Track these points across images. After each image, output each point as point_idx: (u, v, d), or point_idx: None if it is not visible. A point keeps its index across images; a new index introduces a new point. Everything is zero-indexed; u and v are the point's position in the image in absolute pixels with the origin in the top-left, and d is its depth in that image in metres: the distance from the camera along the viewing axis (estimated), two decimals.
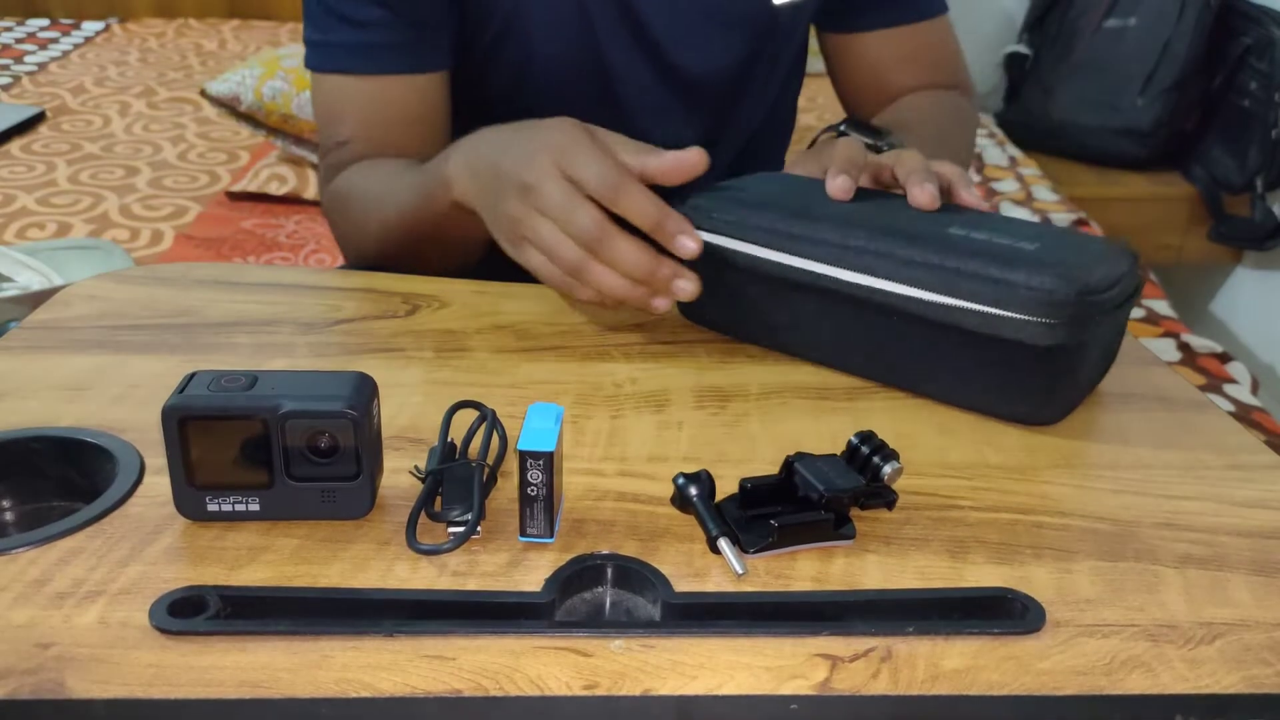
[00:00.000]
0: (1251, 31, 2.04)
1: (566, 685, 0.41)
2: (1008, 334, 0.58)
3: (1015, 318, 0.58)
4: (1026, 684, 0.42)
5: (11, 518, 0.55)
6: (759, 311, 0.69)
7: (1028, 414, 0.62)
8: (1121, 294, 0.60)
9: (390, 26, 0.82)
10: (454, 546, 0.49)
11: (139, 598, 0.45)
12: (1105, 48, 2.19)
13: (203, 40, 2.57)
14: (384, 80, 0.84)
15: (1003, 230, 0.63)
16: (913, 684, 0.42)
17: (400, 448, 0.57)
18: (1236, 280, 2.24)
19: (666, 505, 0.53)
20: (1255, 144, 2.03)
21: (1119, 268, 0.60)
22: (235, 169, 1.83)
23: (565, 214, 0.62)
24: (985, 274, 0.59)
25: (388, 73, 0.84)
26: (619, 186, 0.61)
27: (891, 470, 0.52)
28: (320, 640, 0.43)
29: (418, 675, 0.42)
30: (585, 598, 0.48)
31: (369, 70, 0.84)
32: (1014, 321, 0.58)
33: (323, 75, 0.86)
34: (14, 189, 1.71)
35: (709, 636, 0.44)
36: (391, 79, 0.84)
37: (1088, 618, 0.46)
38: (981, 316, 0.58)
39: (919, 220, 0.64)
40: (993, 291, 0.58)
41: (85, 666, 0.41)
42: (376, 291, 0.76)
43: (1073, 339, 0.58)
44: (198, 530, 0.50)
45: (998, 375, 0.61)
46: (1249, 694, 0.42)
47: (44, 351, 0.66)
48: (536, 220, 0.63)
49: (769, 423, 0.61)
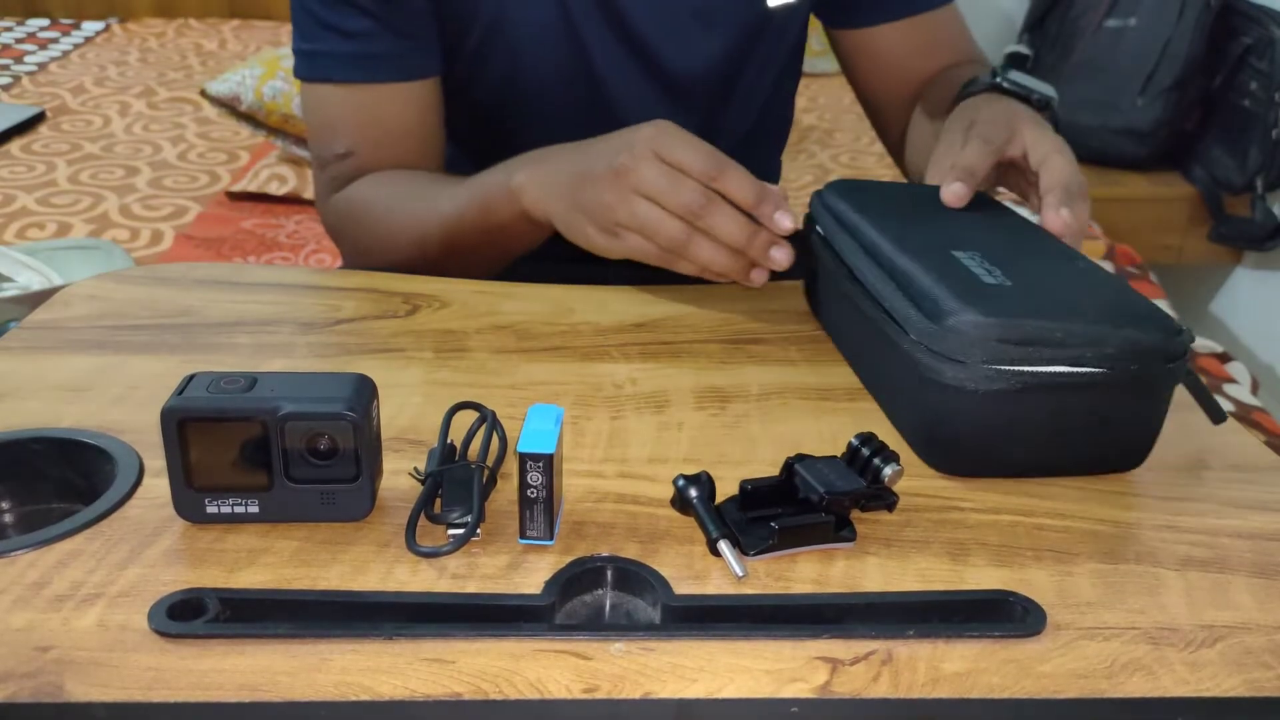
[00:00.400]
0: (1251, 31, 2.04)
1: (566, 688, 0.41)
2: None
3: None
4: (1027, 687, 0.42)
5: (10, 519, 0.55)
6: (838, 326, 0.70)
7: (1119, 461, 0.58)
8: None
9: (379, 36, 0.82)
10: (453, 549, 0.49)
11: (138, 600, 0.45)
12: (1105, 48, 2.19)
13: (203, 40, 2.56)
14: (378, 89, 0.84)
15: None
16: (913, 687, 0.42)
17: (400, 449, 0.57)
18: (1236, 280, 2.24)
19: (666, 507, 0.53)
20: (1255, 144, 2.02)
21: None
22: (235, 169, 1.83)
23: (668, 189, 0.66)
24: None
25: (380, 81, 0.83)
26: (722, 165, 0.66)
27: (892, 472, 0.52)
28: (319, 643, 0.43)
29: (417, 678, 0.41)
30: (585, 600, 0.48)
31: (362, 79, 0.84)
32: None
33: (314, 85, 0.86)
34: (14, 189, 1.71)
35: (709, 639, 0.44)
36: (385, 87, 0.84)
37: (1088, 620, 0.46)
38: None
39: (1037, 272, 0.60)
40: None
41: (84, 670, 0.41)
42: (377, 291, 0.76)
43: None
44: (197, 533, 0.50)
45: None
46: (1250, 697, 0.42)
47: (44, 351, 0.66)
48: (634, 202, 0.67)
49: (769, 424, 0.61)
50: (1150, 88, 2.11)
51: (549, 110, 0.89)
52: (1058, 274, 0.61)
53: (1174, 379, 0.56)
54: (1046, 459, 0.56)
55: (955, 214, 0.69)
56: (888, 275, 0.61)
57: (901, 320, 0.58)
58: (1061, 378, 0.53)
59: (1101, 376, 0.53)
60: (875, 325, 0.61)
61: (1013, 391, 0.53)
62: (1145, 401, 0.56)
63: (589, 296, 0.76)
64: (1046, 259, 0.63)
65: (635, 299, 0.76)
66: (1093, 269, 0.62)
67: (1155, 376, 0.54)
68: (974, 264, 0.60)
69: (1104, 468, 0.57)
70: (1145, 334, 0.54)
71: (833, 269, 0.68)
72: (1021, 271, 0.59)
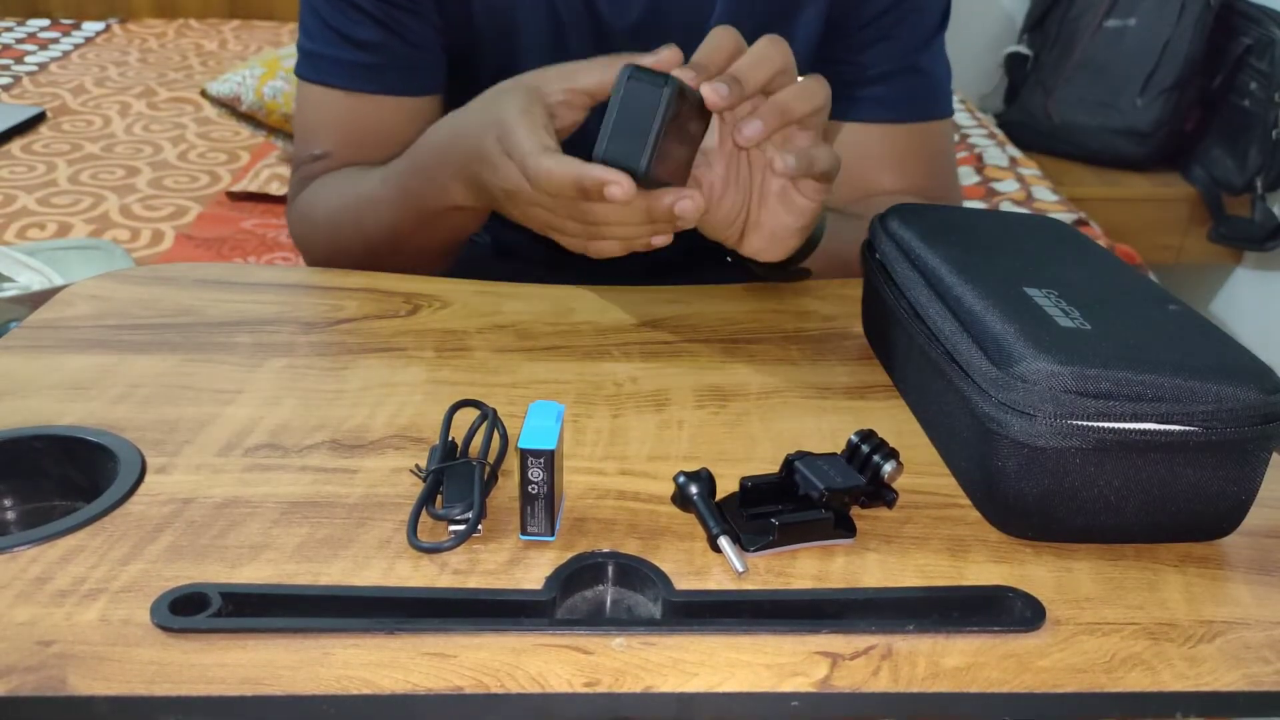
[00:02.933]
0: (1251, 31, 2.04)
1: (567, 682, 0.41)
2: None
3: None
4: (1026, 682, 0.42)
5: (13, 516, 0.55)
6: (893, 359, 0.66)
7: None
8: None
9: (388, 48, 0.82)
10: (455, 545, 0.49)
11: (140, 595, 0.45)
12: (1105, 48, 2.19)
13: (203, 40, 2.56)
14: (376, 99, 0.83)
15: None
16: (913, 681, 0.42)
17: (401, 447, 0.57)
18: (1236, 280, 2.24)
19: (667, 504, 0.53)
20: (1255, 144, 2.03)
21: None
22: (236, 169, 1.83)
23: (550, 208, 0.64)
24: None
25: (381, 93, 0.83)
26: (535, 181, 0.63)
27: (892, 469, 0.52)
28: (321, 638, 0.43)
29: (419, 672, 0.42)
30: (586, 596, 0.48)
31: (362, 88, 0.83)
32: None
33: (311, 85, 0.85)
34: (14, 189, 1.71)
35: (710, 634, 0.44)
36: (383, 99, 0.83)
37: (1088, 616, 0.46)
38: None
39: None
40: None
41: (87, 664, 0.41)
42: (377, 291, 0.76)
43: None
44: (199, 528, 0.50)
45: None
46: (1249, 691, 0.42)
47: (44, 351, 0.66)
48: (533, 216, 0.67)
49: (769, 422, 0.61)
50: (1150, 88, 2.11)
51: None
52: (1144, 318, 0.54)
53: (1271, 442, 0.48)
54: (1121, 526, 0.50)
55: (1030, 246, 0.63)
56: (951, 312, 0.55)
57: (965, 364, 0.52)
58: (1143, 436, 0.47)
59: (1189, 436, 0.47)
60: (935, 366, 0.56)
61: (1087, 450, 0.47)
62: (1237, 467, 0.48)
63: (589, 296, 0.76)
64: (1132, 301, 0.56)
65: (636, 299, 0.76)
66: (1185, 313, 0.55)
67: (1248, 439, 0.48)
68: (1049, 304, 0.54)
69: (1186, 538, 0.51)
70: (1241, 390, 0.47)
71: (890, 300, 0.63)
72: (1103, 314, 0.53)
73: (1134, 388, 0.47)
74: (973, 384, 0.51)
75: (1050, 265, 0.60)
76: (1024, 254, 0.62)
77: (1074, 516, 0.49)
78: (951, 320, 0.55)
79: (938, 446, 0.58)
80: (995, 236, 0.64)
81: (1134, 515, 0.49)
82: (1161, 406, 0.47)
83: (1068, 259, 0.62)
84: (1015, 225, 0.67)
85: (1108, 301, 0.55)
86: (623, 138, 0.58)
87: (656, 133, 0.58)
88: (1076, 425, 0.47)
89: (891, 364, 0.66)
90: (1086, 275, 0.59)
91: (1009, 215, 0.68)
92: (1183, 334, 0.52)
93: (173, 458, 0.55)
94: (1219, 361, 0.49)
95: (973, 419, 0.51)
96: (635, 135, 0.58)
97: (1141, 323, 0.53)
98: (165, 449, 0.56)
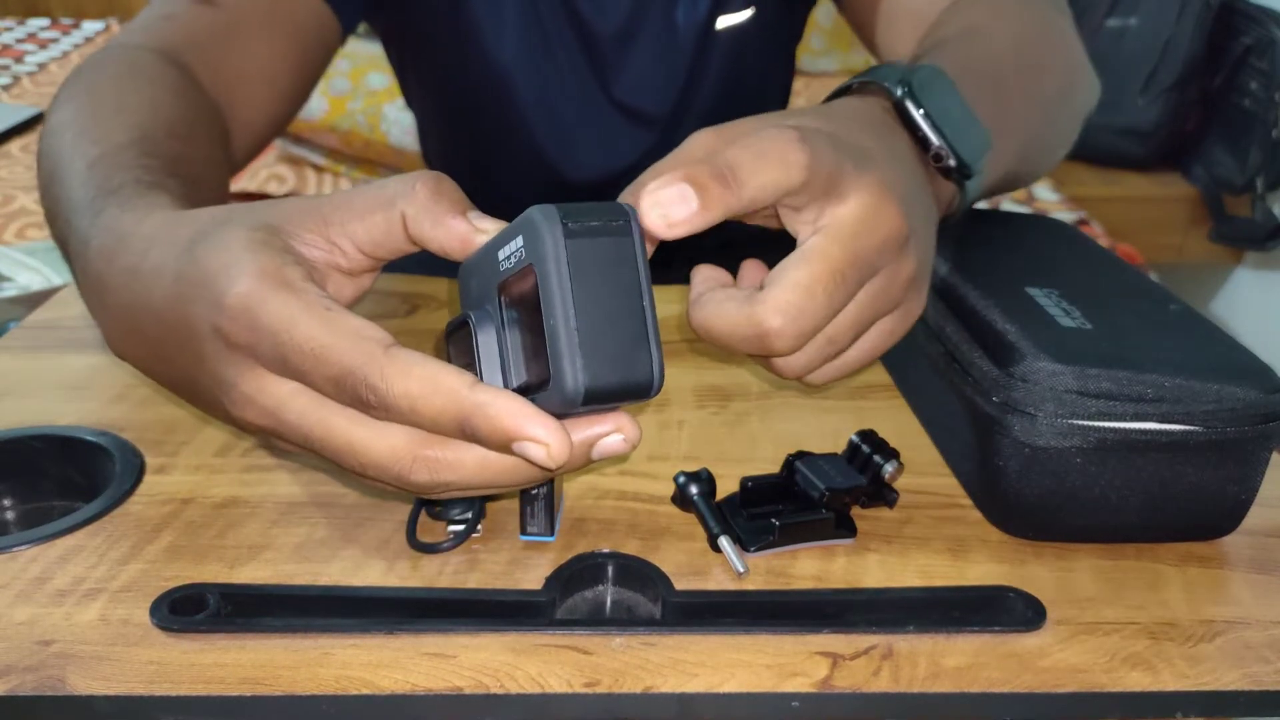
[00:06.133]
0: (1252, 31, 2.04)
1: (567, 683, 0.41)
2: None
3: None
4: (1027, 681, 0.42)
5: (12, 516, 0.55)
6: (892, 358, 0.65)
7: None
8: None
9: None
10: (454, 545, 0.49)
11: (140, 595, 0.45)
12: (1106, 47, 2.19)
13: None
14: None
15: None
16: (914, 681, 0.42)
17: None
18: (1236, 280, 2.24)
19: (667, 504, 0.53)
20: (1256, 144, 2.03)
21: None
22: None
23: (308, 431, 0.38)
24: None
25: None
26: (373, 385, 0.35)
27: (892, 469, 0.52)
28: (321, 638, 0.43)
29: (418, 673, 0.42)
30: (586, 596, 0.48)
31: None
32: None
33: None
34: (14, 189, 1.71)
35: (710, 634, 0.44)
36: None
37: (1088, 616, 0.46)
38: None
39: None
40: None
41: (86, 663, 0.41)
42: (376, 291, 0.76)
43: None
44: (198, 528, 0.50)
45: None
46: (1249, 690, 0.42)
47: (44, 351, 0.66)
48: (260, 423, 0.40)
49: (770, 422, 0.61)
50: (1151, 87, 2.11)
51: (505, 120, 0.88)
52: (1145, 318, 0.54)
53: (1271, 441, 0.48)
54: (1122, 525, 0.50)
55: (1031, 246, 0.62)
56: (950, 310, 0.55)
57: (964, 363, 0.52)
58: (1144, 435, 0.47)
59: (1190, 435, 0.47)
60: (934, 365, 0.56)
61: (1088, 450, 0.47)
62: (1237, 466, 0.48)
63: None
64: (1133, 300, 0.56)
65: None
66: (1187, 313, 0.55)
67: (1249, 438, 0.47)
68: (1050, 303, 0.53)
69: (1186, 537, 0.51)
70: (1243, 389, 0.47)
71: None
72: (1104, 314, 0.53)
73: (1135, 387, 0.47)
74: (974, 383, 0.51)
75: (1051, 265, 0.60)
76: (1025, 253, 0.62)
77: (1075, 516, 0.49)
78: (952, 320, 0.55)
79: (938, 446, 0.59)
80: (996, 236, 0.64)
81: (1135, 515, 0.49)
82: (1162, 406, 0.47)
83: (1069, 259, 0.62)
84: (1016, 225, 0.67)
85: (1109, 301, 0.55)
86: (597, 341, 0.35)
87: (651, 309, 0.36)
88: (1077, 425, 0.47)
89: (892, 364, 0.66)
90: (1087, 275, 0.59)
91: (1010, 215, 0.68)
92: (1184, 333, 0.52)
93: (172, 458, 0.55)
94: (1220, 361, 0.49)
95: (974, 418, 0.51)
96: (615, 327, 0.35)
97: (1142, 322, 0.53)
98: (164, 449, 0.56)
